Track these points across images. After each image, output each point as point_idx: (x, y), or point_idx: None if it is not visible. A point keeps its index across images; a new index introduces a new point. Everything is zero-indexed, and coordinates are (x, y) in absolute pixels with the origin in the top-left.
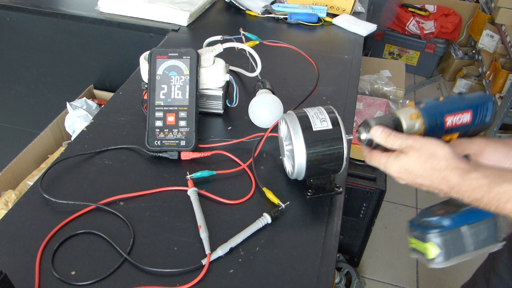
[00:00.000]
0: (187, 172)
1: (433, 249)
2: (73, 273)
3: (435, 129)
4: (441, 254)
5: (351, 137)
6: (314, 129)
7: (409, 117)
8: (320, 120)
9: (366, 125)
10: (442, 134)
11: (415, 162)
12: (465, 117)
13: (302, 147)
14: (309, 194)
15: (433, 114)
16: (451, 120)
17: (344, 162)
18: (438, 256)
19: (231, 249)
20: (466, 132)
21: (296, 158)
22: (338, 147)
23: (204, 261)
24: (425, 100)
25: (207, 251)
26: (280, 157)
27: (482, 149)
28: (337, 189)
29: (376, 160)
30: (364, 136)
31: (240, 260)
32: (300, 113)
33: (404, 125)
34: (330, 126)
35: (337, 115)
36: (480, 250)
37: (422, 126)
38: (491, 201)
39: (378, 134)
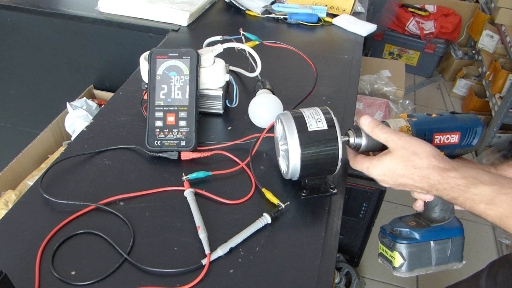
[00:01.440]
0: (183, 174)
1: (399, 258)
2: (73, 273)
3: None
4: (406, 265)
5: (347, 138)
6: (309, 130)
7: (399, 129)
8: (315, 120)
9: (356, 130)
10: None
11: (398, 161)
12: (453, 138)
13: (296, 148)
14: (303, 194)
15: (422, 130)
16: (439, 139)
17: (339, 163)
18: (402, 266)
19: (231, 249)
20: (451, 152)
21: (290, 158)
22: (333, 148)
23: (204, 261)
24: (418, 114)
25: (207, 251)
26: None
27: None
28: (332, 190)
29: (360, 164)
30: (352, 140)
31: (240, 260)
32: (295, 113)
33: None
34: (325, 127)
35: (333, 116)
36: (444, 266)
37: None
38: (466, 201)
39: (367, 123)
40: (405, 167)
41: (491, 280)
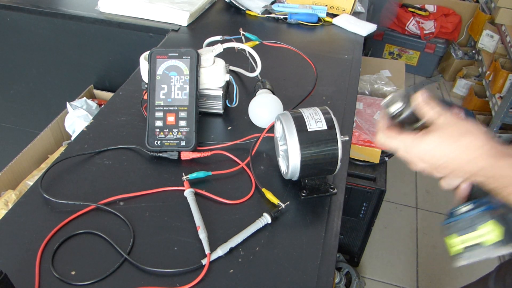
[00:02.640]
0: (183, 174)
1: (494, 227)
2: (73, 273)
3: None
4: (508, 233)
5: (346, 138)
6: (308, 130)
7: None
8: (315, 120)
9: (405, 96)
10: None
11: (448, 137)
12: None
13: (296, 148)
14: (303, 194)
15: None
16: None
17: (339, 163)
18: (506, 235)
19: (231, 249)
20: None
21: (290, 159)
22: (333, 148)
23: (204, 261)
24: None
25: (207, 251)
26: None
27: None
28: (331, 190)
29: (396, 139)
30: (398, 105)
31: (240, 260)
32: (295, 113)
33: None
34: (325, 127)
35: (333, 116)
36: None
37: None
38: None
39: (423, 96)
40: (455, 144)
41: (500, 282)
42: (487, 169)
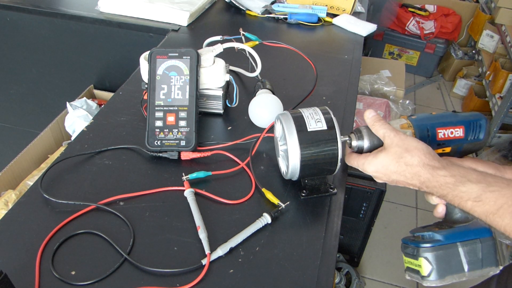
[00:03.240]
0: (183, 174)
1: (426, 264)
2: (73, 273)
3: (426, 140)
4: (434, 271)
5: (346, 138)
6: (308, 130)
7: (400, 126)
8: (315, 120)
9: (358, 133)
10: (434, 146)
11: (391, 158)
12: (458, 132)
13: (296, 148)
14: (303, 194)
15: (424, 125)
16: (443, 133)
17: (339, 164)
18: (431, 273)
19: (231, 249)
20: (460, 147)
21: (290, 159)
22: (333, 148)
23: (204, 261)
24: (417, 114)
25: (207, 251)
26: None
27: None
28: (331, 190)
29: (355, 160)
30: (355, 143)
31: (240, 260)
32: (295, 113)
33: None
34: (325, 127)
35: (332, 116)
36: (478, 271)
37: (413, 136)
38: (454, 198)
39: (370, 116)
40: (397, 163)
41: (502, 286)
42: (428, 181)
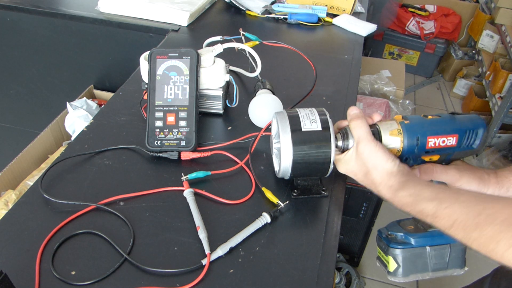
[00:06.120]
0: (182, 174)
1: (393, 263)
2: (73, 273)
3: (414, 149)
4: (400, 270)
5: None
6: (302, 130)
7: (390, 132)
8: (310, 121)
9: (345, 133)
10: (422, 153)
11: (359, 169)
12: (450, 141)
13: (288, 146)
14: (294, 194)
15: (414, 134)
16: (433, 141)
17: (331, 166)
18: (396, 271)
19: (231, 249)
20: (450, 155)
21: (282, 157)
22: (326, 150)
23: (204, 261)
24: (412, 117)
25: (207, 251)
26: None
27: (456, 181)
28: (323, 192)
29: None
30: (340, 143)
31: (240, 260)
32: (291, 113)
33: (382, 140)
34: (319, 128)
35: (329, 118)
36: (442, 272)
37: (401, 144)
38: (417, 214)
39: (352, 113)
40: (365, 177)
41: (495, 286)
42: (391, 199)
